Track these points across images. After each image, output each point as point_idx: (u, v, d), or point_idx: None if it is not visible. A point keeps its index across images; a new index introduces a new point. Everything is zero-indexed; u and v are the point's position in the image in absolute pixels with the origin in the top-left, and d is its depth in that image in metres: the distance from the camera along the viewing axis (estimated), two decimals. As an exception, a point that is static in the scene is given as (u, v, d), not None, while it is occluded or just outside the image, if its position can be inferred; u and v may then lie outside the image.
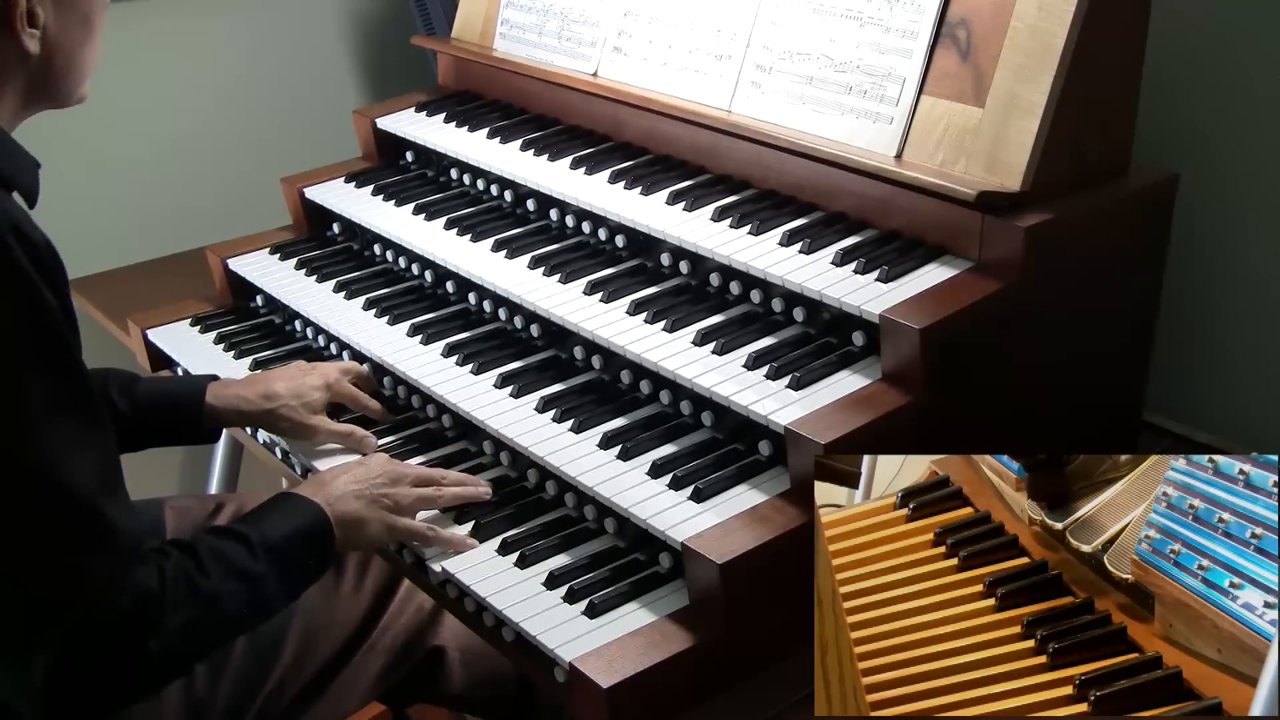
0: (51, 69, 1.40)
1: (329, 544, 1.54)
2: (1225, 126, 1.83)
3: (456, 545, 1.59)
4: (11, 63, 1.37)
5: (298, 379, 1.82)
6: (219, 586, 1.40)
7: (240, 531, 1.46)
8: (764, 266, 1.66)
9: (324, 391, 1.82)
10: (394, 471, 1.62)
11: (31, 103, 1.44)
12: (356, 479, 1.59)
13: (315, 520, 1.52)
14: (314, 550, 1.52)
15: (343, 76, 3.14)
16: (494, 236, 2.00)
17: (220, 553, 1.42)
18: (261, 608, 1.48)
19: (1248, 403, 1.91)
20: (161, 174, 2.89)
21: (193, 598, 1.37)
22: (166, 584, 1.35)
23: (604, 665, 1.36)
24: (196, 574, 1.39)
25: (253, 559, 1.44)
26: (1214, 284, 1.90)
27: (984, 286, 1.53)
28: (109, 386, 1.76)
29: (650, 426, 1.65)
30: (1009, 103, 1.56)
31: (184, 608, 1.36)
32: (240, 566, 1.43)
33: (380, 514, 1.57)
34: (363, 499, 1.57)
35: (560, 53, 2.19)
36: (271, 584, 1.46)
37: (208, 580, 1.39)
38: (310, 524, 1.52)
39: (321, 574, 1.56)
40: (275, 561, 1.46)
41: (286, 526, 1.50)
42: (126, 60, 2.80)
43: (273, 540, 1.47)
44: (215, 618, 1.41)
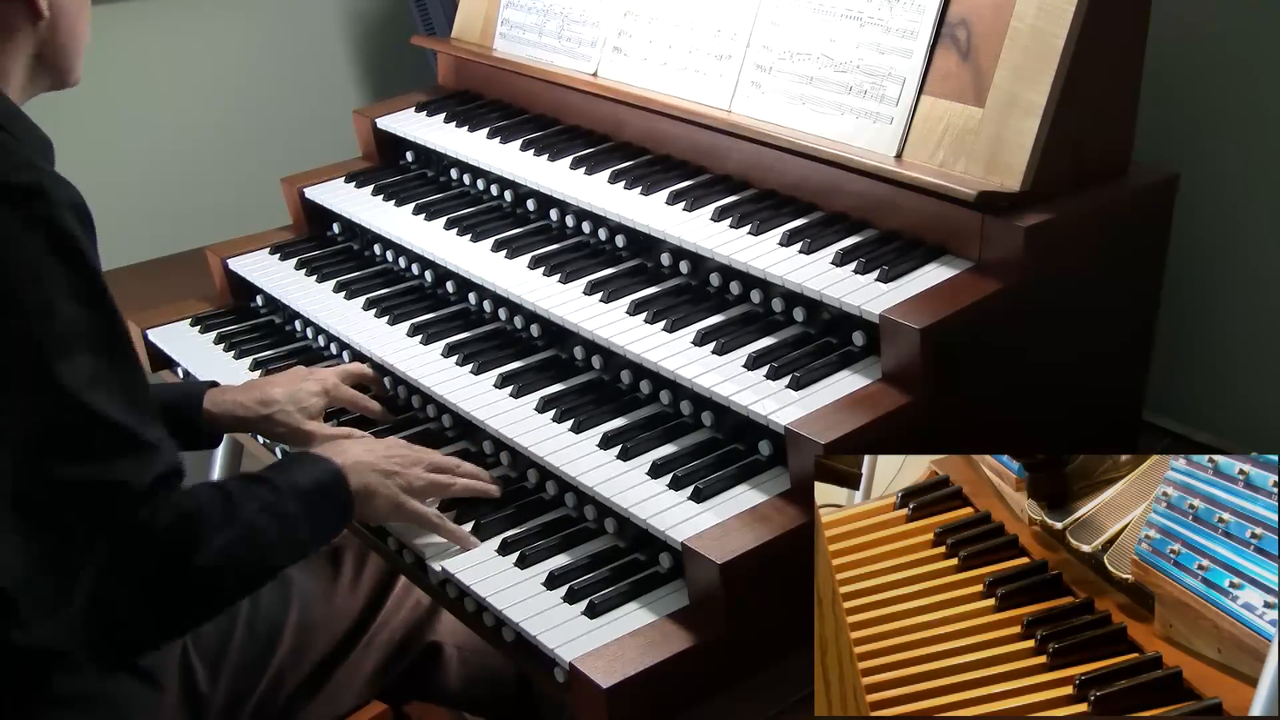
0: (57, 36, 1.43)
1: (348, 500, 1.54)
2: (1225, 126, 1.83)
3: (459, 539, 1.60)
4: (23, 26, 1.40)
5: (295, 385, 1.82)
6: (254, 518, 1.41)
7: (265, 477, 1.48)
8: (764, 266, 1.66)
9: (321, 397, 1.82)
10: (411, 453, 1.63)
11: (37, 77, 1.46)
12: (373, 451, 1.60)
13: (334, 476, 1.53)
14: (334, 504, 1.53)
15: (343, 76, 3.14)
16: (494, 236, 2.00)
17: (251, 492, 1.44)
18: (292, 546, 1.48)
19: (1248, 403, 1.91)
20: (161, 174, 2.89)
21: (231, 523, 1.38)
22: (203, 506, 1.37)
23: (604, 665, 1.36)
24: (231, 506, 1.40)
25: (281, 500, 1.45)
26: (1214, 284, 1.90)
27: (984, 286, 1.53)
28: None
29: (650, 426, 1.65)
30: (1009, 103, 1.56)
31: (225, 530, 1.37)
32: (270, 503, 1.44)
33: (392, 491, 1.58)
34: (377, 472, 1.57)
35: (560, 53, 2.19)
36: (300, 524, 1.47)
37: (242, 511, 1.41)
38: (330, 479, 1.53)
39: (343, 528, 1.56)
40: (302, 505, 1.47)
41: (308, 479, 1.51)
42: (127, 60, 2.81)
43: (299, 486, 1.48)
44: (253, 544, 1.41)
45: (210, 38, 2.91)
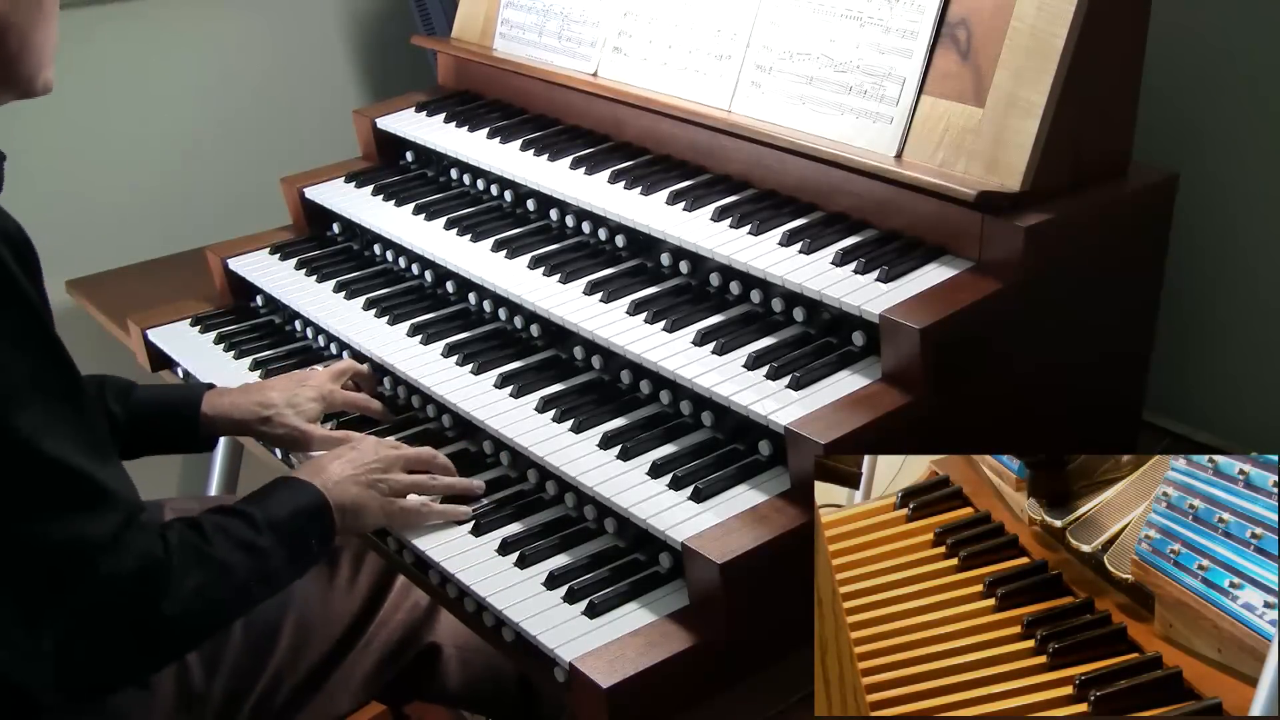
0: (6, 50, 1.37)
1: (330, 525, 1.54)
2: (1225, 126, 1.83)
3: (452, 516, 1.62)
4: None
5: (293, 389, 1.82)
6: (226, 555, 1.41)
7: (242, 509, 1.48)
8: (764, 266, 1.66)
9: (319, 402, 1.81)
10: (387, 456, 1.63)
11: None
12: (352, 464, 1.60)
13: (315, 501, 1.54)
14: (316, 529, 1.53)
15: (343, 76, 3.14)
16: (494, 236, 2.00)
17: (223, 527, 1.44)
18: (268, 579, 1.48)
19: (1248, 403, 1.91)
20: (161, 174, 2.89)
21: (201, 564, 1.38)
22: (172, 550, 1.36)
23: (604, 665, 1.36)
24: (202, 543, 1.40)
25: (256, 533, 1.45)
26: (1213, 284, 1.90)
27: (984, 286, 1.53)
28: (105, 393, 1.76)
29: (650, 426, 1.65)
30: (1009, 103, 1.56)
31: (194, 572, 1.37)
32: (244, 539, 1.44)
33: (379, 500, 1.59)
34: (359, 484, 1.58)
35: (560, 53, 2.19)
36: (276, 557, 1.47)
37: (213, 549, 1.41)
38: (310, 504, 1.53)
39: (325, 554, 1.57)
40: (278, 537, 1.47)
41: (287, 506, 1.51)
42: (126, 60, 2.80)
43: (275, 517, 1.48)
44: (225, 584, 1.41)
45: (210, 38, 2.91)
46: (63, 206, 2.77)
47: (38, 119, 2.72)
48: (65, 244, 2.74)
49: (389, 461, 1.63)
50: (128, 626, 1.34)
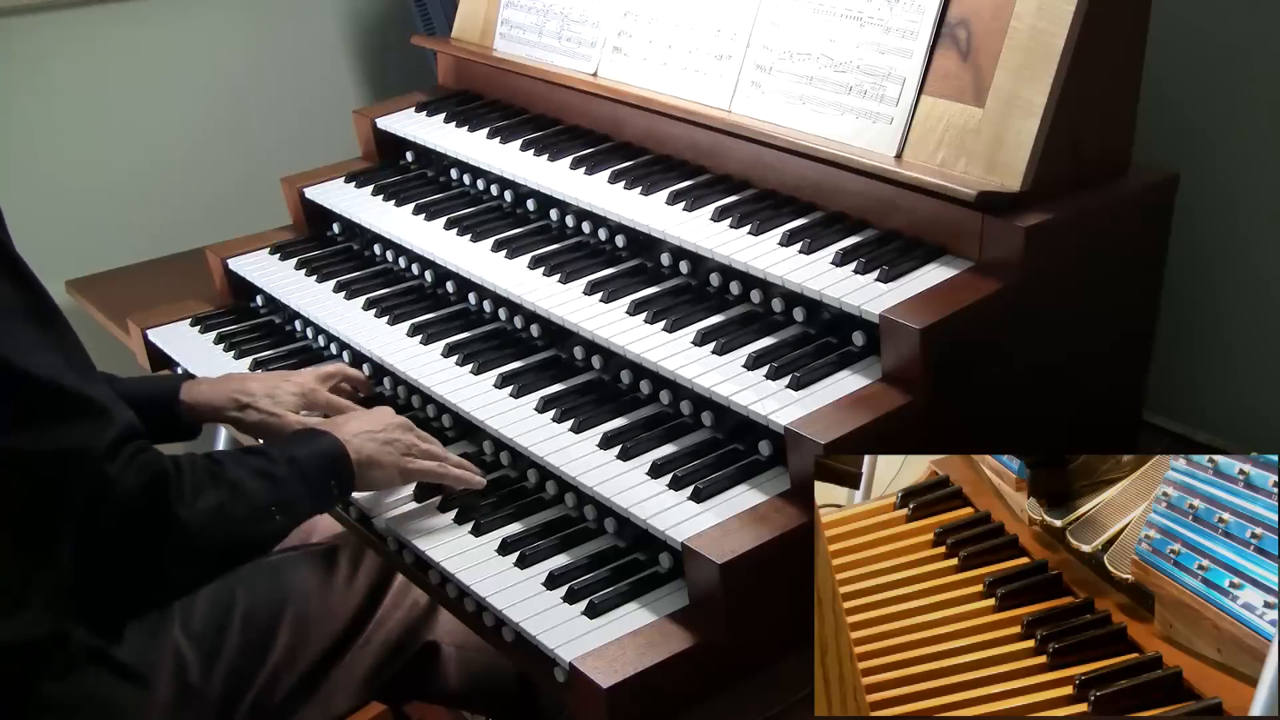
0: None
1: (349, 471, 1.57)
2: (1225, 127, 1.83)
3: (467, 481, 1.65)
4: None
5: (275, 382, 1.82)
6: (242, 478, 1.43)
7: (259, 448, 1.51)
8: (764, 266, 1.66)
9: (299, 398, 1.81)
10: (401, 421, 1.67)
11: None
12: (369, 424, 1.63)
13: (335, 447, 1.56)
14: (334, 472, 1.56)
15: (343, 76, 3.14)
16: (494, 236, 2.00)
17: (238, 458, 1.46)
18: (288, 508, 1.49)
19: (1248, 403, 1.91)
20: (162, 174, 2.89)
21: (215, 483, 1.40)
22: (183, 469, 1.37)
23: (604, 665, 1.36)
24: (216, 467, 1.42)
25: (273, 464, 1.47)
26: (1214, 284, 1.90)
27: (984, 286, 1.53)
28: None
29: (650, 426, 1.65)
30: (1009, 103, 1.56)
31: (208, 489, 1.38)
32: (261, 468, 1.46)
33: (395, 456, 1.61)
34: (375, 441, 1.61)
35: (560, 53, 2.19)
36: (294, 487, 1.49)
37: (228, 472, 1.42)
38: (330, 449, 1.56)
39: (344, 498, 1.59)
40: (297, 471, 1.49)
41: (306, 448, 1.54)
42: (126, 60, 2.81)
43: (294, 455, 1.51)
44: (244, 504, 1.42)
45: (210, 38, 2.91)
46: (63, 206, 2.77)
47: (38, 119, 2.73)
48: (65, 244, 2.75)
49: (404, 427, 1.66)
50: (140, 537, 1.33)
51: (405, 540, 1.62)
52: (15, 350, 1.28)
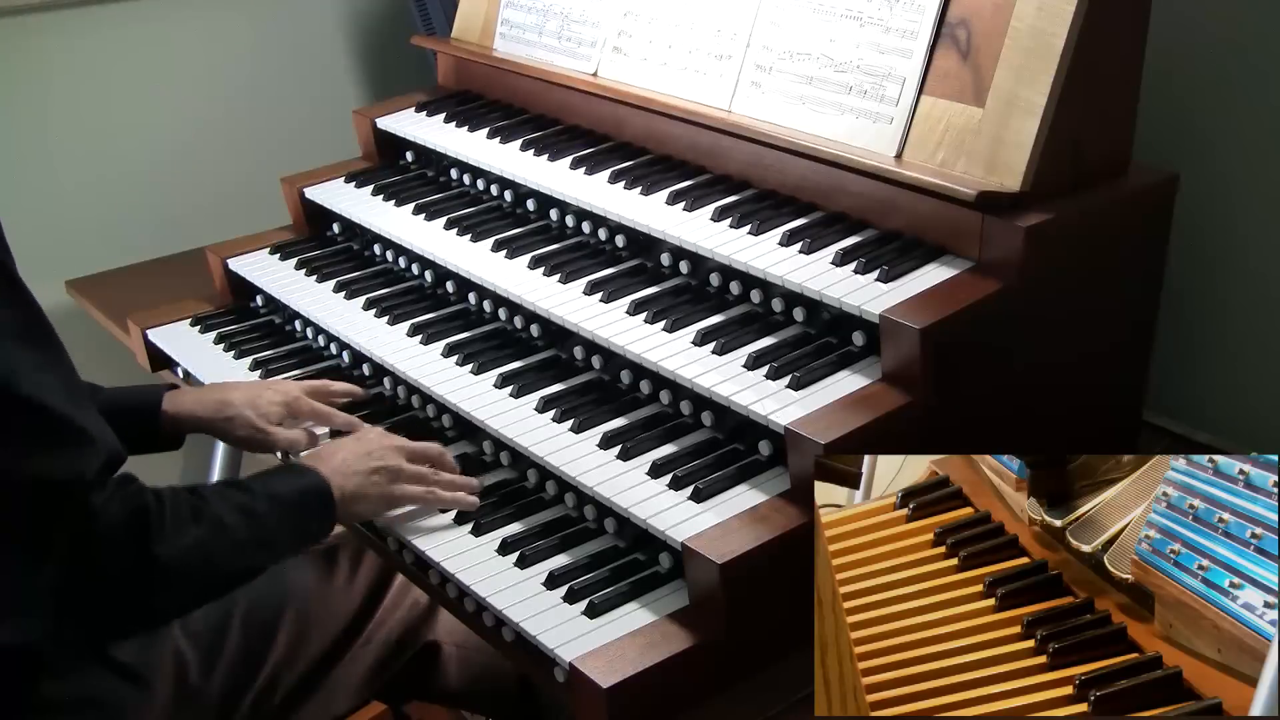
0: None
1: (330, 508, 1.56)
2: (1225, 126, 1.83)
3: (457, 503, 1.63)
4: None
5: (258, 391, 1.83)
6: (223, 515, 1.43)
7: (241, 482, 1.51)
8: (764, 266, 1.66)
9: (281, 407, 1.81)
10: (391, 445, 1.65)
11: None
12: (354, 453, 1.62)
13: (317, 483, 1.56)
14: (316, 509, 1.55)
15: (343, 76, 3.14)
16: (494, 236, 2.00)
17: (221, 492, 1.46)
18: (266, 547, 1.50)
19: (1248, 403, 1.91)
20: (161, 174, 2.89)
21: (197, 519, 1.40)
22: (165, 503, 1.38)
23: (604, 665, 1.36)
24: (198, 502, 1.42)
25: (254, 501, 1.47)
26: (1214, 284, 1.90)
27: (984, 286, 1.53)
28: None
29: (650, 426, 1.65)
30: (1009, 103, 1.56)
31: (189, 525, 1.39)
32: (243, 504, 1.46)
33: (382, 488, 1.60)
34: (361, 473, 1.60)
35: (560, 53, 2.19)
36: (274, 525, 1.49)
37: (210, 507, 1.42)
38: (312, 485, 1.55)
39: (324, 536, 1.58)
40: (278, 508, 1.49)
41: (288, 484, 1.54)
42: (127, 60, 2.80)
43: (276, 491, 1.51)
44: (222, 540, 1.42)
45: (210, 37, 2.91)
46: (63, 206, 2.77)
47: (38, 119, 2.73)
48: (65, 244, 2.75)
49: (392, 451, 1.64)
50: (122, 571, 1.34)
51: (405, 540, 1.62)
52: (10, 373, 1.28)
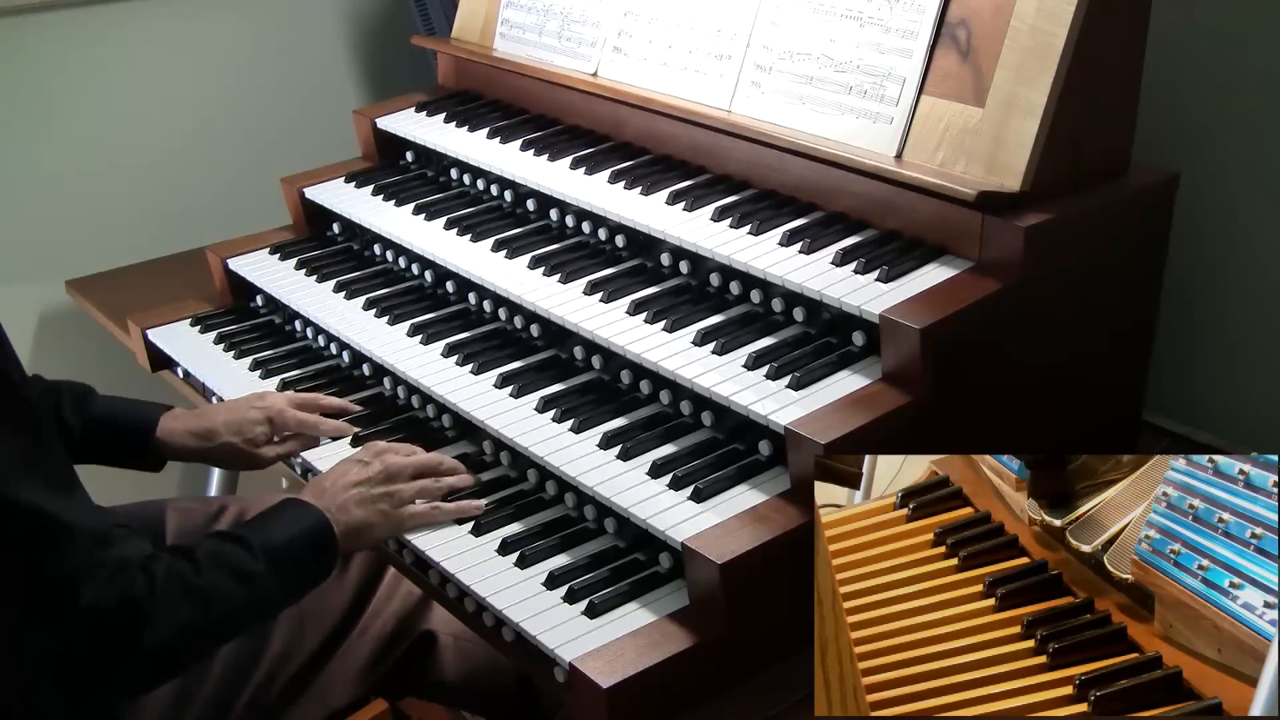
0: None
1: (332, 548, 1.55)
2: (1225, 126, 1.83)
3: (461, 513, 1.62)
4: None
5: (241, 412, 1.82)
6: (215, 585, 1.42)
7: (239, 535, 1.49)
8: (764, 266, 1.66)
9: (265, 425, 1.81)
10: (394, 465, 1.63)
11: None
12: (356, 483, 1.60)
13: (316, 524, 1.54)
14: (316, 554, 1.54)
15: (343, 76, 3.14)
16: (494, 236, 2.00)
17: (217, 554, 1.45)
18: (260, 606, 1.50)
19: (1248, 403, 1.91)
20: (161, 174, 2.89)
21: (187, 597, 1.39)
22: (156, 585, 1.37)
23: (604, 665, 1.36)
24: (191, 574, 1.41)
25: (251, 559, 1.46)
26: (1214, 284, 1.90)
27: (984, 286, 1.53)
28: (61, 401, 1.77)
29: (650, 426, 1.65)
30: (1009, 103, 1.56)
31: (179, 607, 1.38)
32: (237, 566, 1.45)
33: (383, 516, 1.59)
34: (364, 504, 1.59)
35: (560, 53, 2.19)
36: (270, 583, 1.47)
37: (202, 579, 1.41)
38: (312, 528, 1.54)
39: (325, 578, 1.57)
40: (274, 562, 1.48)
41: (287, 531, 1.52)
42: (127, 60, 2.80)
43: (273, 543, 1.49)
44: (212, 615, 1.42)
45: (210, 38, 2.91)
46: (63, 206, 2.77)
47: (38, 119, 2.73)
48: (65, 244, 2.75)
49: (395, 471, 1.63)
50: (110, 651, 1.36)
51: (405, 540, 1.62)
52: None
